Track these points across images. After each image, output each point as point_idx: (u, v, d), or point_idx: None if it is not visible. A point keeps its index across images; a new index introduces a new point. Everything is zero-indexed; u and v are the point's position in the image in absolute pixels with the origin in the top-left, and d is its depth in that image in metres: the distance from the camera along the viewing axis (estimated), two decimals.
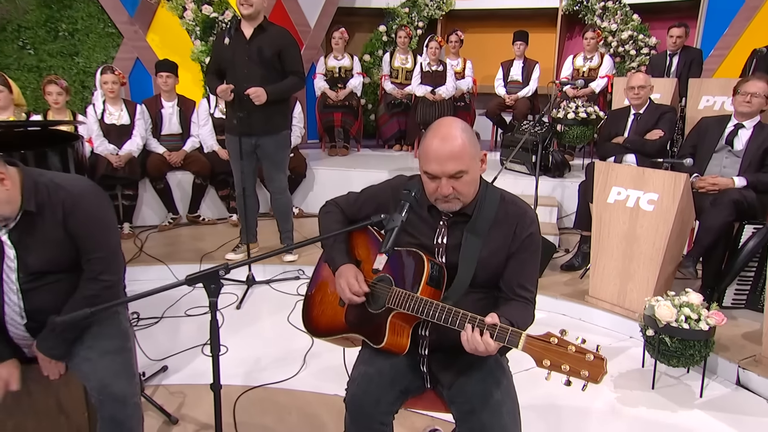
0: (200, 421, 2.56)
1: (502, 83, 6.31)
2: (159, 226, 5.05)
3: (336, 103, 6.08)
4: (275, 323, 3.58)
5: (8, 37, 5.49)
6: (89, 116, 4.73)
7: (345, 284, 1.72)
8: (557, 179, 4.95)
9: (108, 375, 1.86)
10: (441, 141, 1.58)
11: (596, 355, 1.36)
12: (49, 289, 1.92)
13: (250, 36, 3.72)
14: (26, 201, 1.83)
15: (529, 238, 1.68)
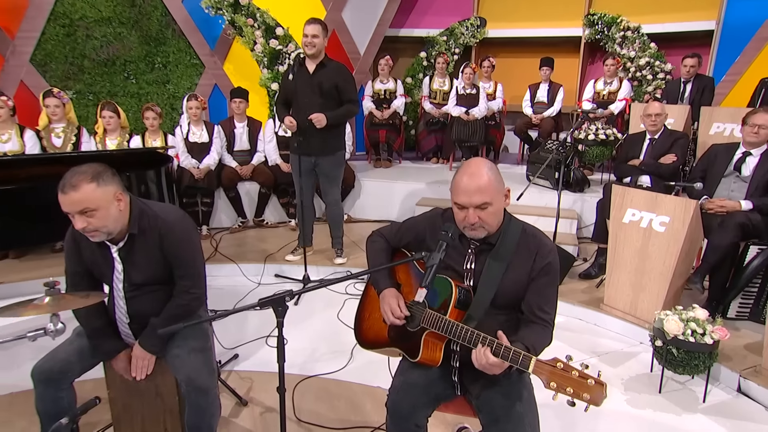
0: (266, 405, 2.63)
1: (529, 104, 6.21)
2: (230, 228, 5.17)
3: (381, 122, 6.11)
4: (327, 319, 3.58)
5: (117, 70, 5.72)
6: (177, 136, 4.91)
7: (388, 308, 1.76)
8: (578, 194, 4.84)
9: (193, 370, 1.96)
10: (469, 177, 1.61)
11: (597, 381, 1.36)
12: (147, 298, 2.04)
13: (313, 71, 3.79)
14: (132, 224, 1.94)
15: (548, 266, 1.67)
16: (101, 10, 5.50)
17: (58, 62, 5.50)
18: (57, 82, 5.47)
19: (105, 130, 4.65)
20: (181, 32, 5.84)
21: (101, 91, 5.68)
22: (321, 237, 4.50)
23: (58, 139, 4.51)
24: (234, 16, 5.57)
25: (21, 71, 5.36)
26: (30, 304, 1.57)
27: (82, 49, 5.54)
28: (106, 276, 2.03)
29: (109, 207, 1.82)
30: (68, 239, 2.03)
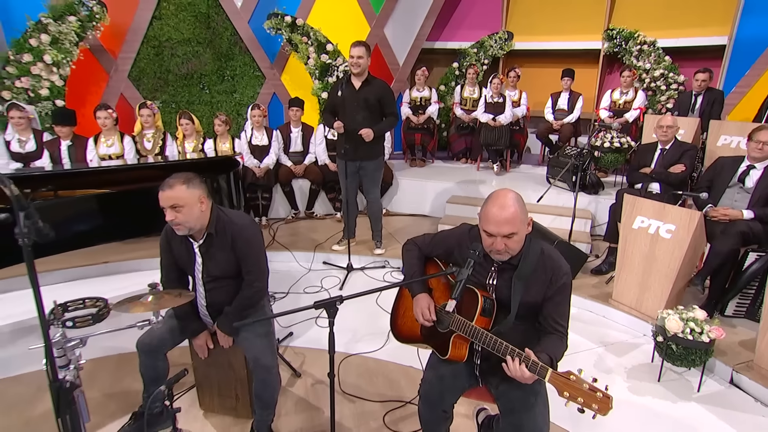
0: (316, 377, 2.74)
1: (550, 110, 6.07)
2: (285, 219, 5.28)
3: (417, 126, 6.11)
4: (367, 304, 3.54)
5: (194, 83, 5.89)
6: (242, 139, 5.02)
7: (419, 311, 1.80)
8: (592, 196, 4.73)
9: (259, 352, 2.09)
10: (499, 209, 1.60)
11: (604, 394, 1.37)
12: (222, 290, 2.17)
13: (359, 87, 3.83)
14: (210, 225, 2.07)
15: (563, 286, 1.66)
16: (183, 32, 5.66)
17: (149, 77, 5.71)
18: (148, 93, 5.69)
19: (183, 135, 4.87)
20: (247, 49, 5.94)
21: (181, 100, 5.86)
22: (362, 229, 4.53)
23: (148, 143, 4.72)
24: (291, 35, 5.66)
25: (121, 85, 5.60)
26: (137, 301, 1.72)
27: (167, 66, 5.73)
28: (189, 267, 2.17)
29: (193, 206, 1.95)
30: (162, 238, 2.19)
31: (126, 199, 3.06)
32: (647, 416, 2.48)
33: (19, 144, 4.39)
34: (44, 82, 4.83)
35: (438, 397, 1.85)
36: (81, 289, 3.80)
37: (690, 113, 4.86)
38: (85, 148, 4.52)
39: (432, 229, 4.93)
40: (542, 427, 1.68)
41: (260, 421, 2.20)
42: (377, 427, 2.38)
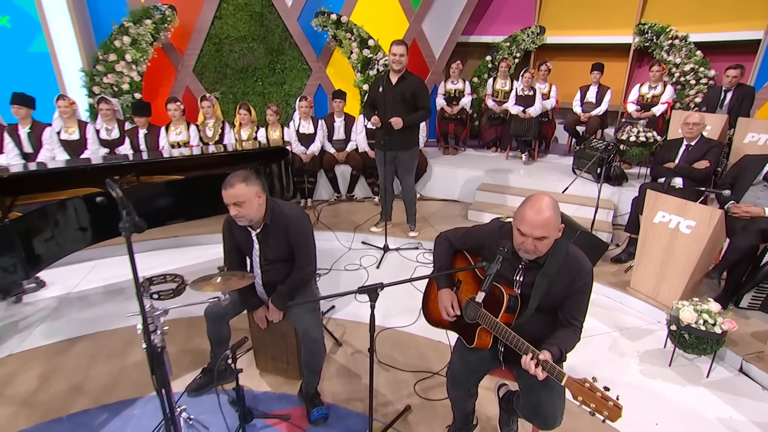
0: (355, 347, 2.85)
1: (579, 103, 5.83)
2: (328, 201, 5.37)
3: (451, 116, 6.04)
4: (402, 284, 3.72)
5: (248, 75, 5.97)
6: (290, 128, 5.11)
7: (443, 307, 1.84)
8: (616, 187, 4.59)
9: (308, 326, 2.21)
10: (535, 213, 1.57)
11: (615, 403, 1.35)
12: (275, 270, 2.28)
13: (396, 82, 3.82)
14: (267, 216, 2.17)
15: (584, 286, 1.65)
16: (240, 30, 5.73)
17: (210, 71, 5.84)
18: (209, 86, 5.84)
19: (240, 123, 5.01)
20: (295, 44, 5.97)
21: (238, 92, 5.98)
22: (398, 213, 4.58)
23: (209, 131, 4.88)
24: (336, 32, 5.66)
25: (187, 79, 5.77)
26: (209, 281, 1.86)
27: (225, 60, 5.84)
28: (248, 252, 2.29)
29: (252, 201, 2.05)
30: (224, 226, 2.31)
31: (194, 184, 3.23)
32: (656, 398, 2.46)
33: (106, 132, 4.65)
34: (125, 78, 5.06)
35: (464, 379, 1.92)
36: (156, 259, 4.06)
37: (718, 109, 4.58)
38: (158, 135, 4.74)
39: (462, 214, 4.94)
40: (559, 405, 1.70)
41: (308, 383, 2.34)
42: (408, 394, 2.47)
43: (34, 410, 2.37)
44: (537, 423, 1.77)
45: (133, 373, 2.65)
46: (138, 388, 2.52)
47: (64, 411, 2.37)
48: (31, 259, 2.36)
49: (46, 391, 2.51)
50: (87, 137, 4.57)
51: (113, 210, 2.38)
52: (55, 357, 2.80)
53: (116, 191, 1.35)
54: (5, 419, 2.31)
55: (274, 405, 2.38)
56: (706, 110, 4.57)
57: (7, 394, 2.48)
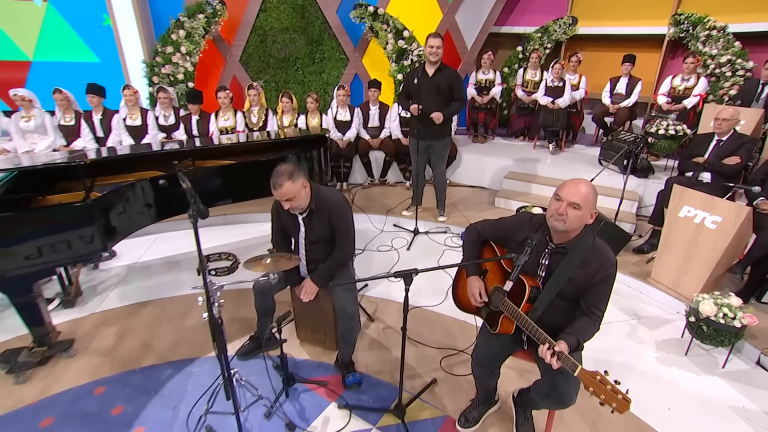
0: (386, 323, 2.94)
1: (608, 94, 5.55)
2: (362, 185, 5.40)
3: (481, 106, 5.90)
4: (429, 264, 3.58)
5: (290, 65, 6.01)
6: (328, 115, 5.14)
7: (471, 293, 1.88)
8: (642, 179, 4.42)
9: (345, 302, 2.30)
10: (575, 184, 1.62)
11: (624, 396, 1.36)
12: (318, 250, 2.36)
13: (432, 74, 3.78)
14: (312, 202, 2.25)
15: (608, 276, 1.64)
16: (282, 22, 5.77)
17: (255, 61, 5.91)
18: (254, 75, 5.93)
19: (282, 111, 5.10)
20: (334, 35, 5.95)
21: (280, 80, 6.05)
22: (428, 198, 4.58)
23: (254, 117, 4.99)
24: (373, 23, 5.59)
25: (234, 68, 5.87)
26: (260, 261, 1.98)
27: (269, 51, 5.89)
28: (294, 233, 2.40)
29: (300, 193, 2.14)
30: (273, 209, 2.42)
31: (242, 169, 3.36)
32: (670, 384, 2.45)
33: (164, 118, 4.85)
34: (180, 68, 5.23)
35: (487, 360, 1.96)
36: (206, 235, 4.24)
37: (754, 103, 4.30)
38: (208, 121, 4.90)
39: (489, 201, 4.91)
40: (575, 386, 1.73)
41: (343, 354, 2.46)
42: (435, 368, 2.55)
43: (114, 362, 2.61)
44: (554, 400, 1.80)
45: (191, 335, 2.85)
46: (195, 349, 2.71)
47: (137, 364, 2.59)
48: (109, 233, 2.55)
49: (122, 346, 2.75)
50: (147, 123, 4.78)
51: (173, 191, 2.57)
52: (128, 318, 3.04)
53: (186, 183, 1.46)
54: (93, 367, 2.57)
55: (312, 372, 2.52)
56: (741, 103, 4.31)
57: (93, 347, 2.74)
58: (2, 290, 2.36)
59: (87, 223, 2.40)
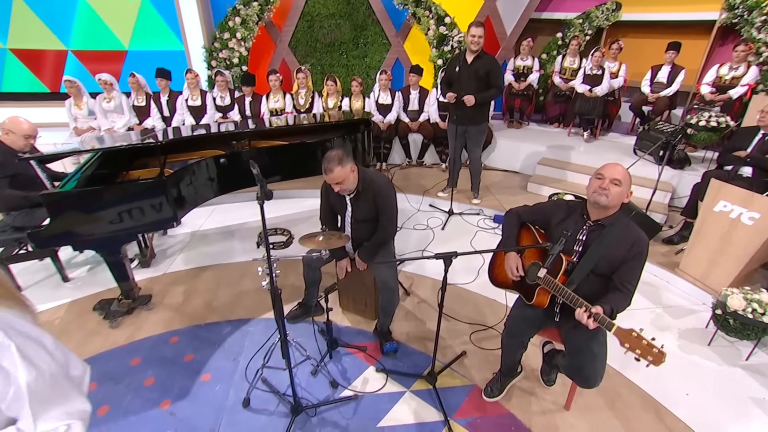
0: (421, 297, 3.00)
1: (648, 83, 5.16)
2: (400, 166, 5.41)
3: (518, 92, 5.69)
4: (462, 244, 3.68)
5: (335, 49, 5.98)
6: (371, 98, 5.13)
7: (508, 268, 1.91)
8: (677, 170, 4.16)
9: (387, 277, 2.37)
10: (614, 165, 1.71)
11: (660, 350, 1.38)
12: (363, 228, 2.43)
13: (471, 61, 3.70)
14: (360, 184, 2.29)
15: (640, 254, 1.65)
16: (329, 8, 5.71)
17: (302, 45, 5.91)
18: (301, 59, 5.95)
19: (327, 93, 5.13)
20: (377, 20, 5.83)
21: (325, 64, 6.04)
22: (463, 180, 4.53)
23: (302, 99, 5.05)
24: (415, 9, 5.44)
25: (283, 52, 5.90)
26: (313, 238, 2.07)
27: (316, 36, 5.87)
28: (341, 212, 2.47)
29: (349, 177, 2.20)
30: (322, 189, 2.48)
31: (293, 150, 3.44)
32: (691, 372, 2.40)
33: (221, 99, 5.00)
34: (236, 52, 5.33)
35: (519, 331, 2.00)
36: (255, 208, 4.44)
37: None
38: (260, 103, 5.02)
39: (521, 185, 4.81)
40: (600, 370, 1.74)
41: (382, 323, 2.57)
42: (465, 341, 2.62)
43: (184, 317, 2.85)
44: (579, 382, 1.84)
45: (245, 299, 3.04)
46: (250, 311, 2.90)
47: (202, 320, 2.82)
48: (179, 204, 2.73)
49: (189, 304, 2.99)
50: (206, 104, 4.95)
51: (232, 169, 2.69)
52: (192, 279, 3.28)
53: (256, 169, 1.54)
54: (167, 319, 2.82)
55: (353, 337, 2.65)
56: None
57: (165, 303, 2.99)
58: (97, 249, 2.61)
59: (162, 196, 2.58)
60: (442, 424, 2.09)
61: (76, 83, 4.60)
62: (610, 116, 5.51)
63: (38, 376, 0.75)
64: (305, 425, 2.08)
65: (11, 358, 0.73)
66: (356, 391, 2.26)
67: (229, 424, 2.09)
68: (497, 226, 4.06)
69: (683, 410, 2.15)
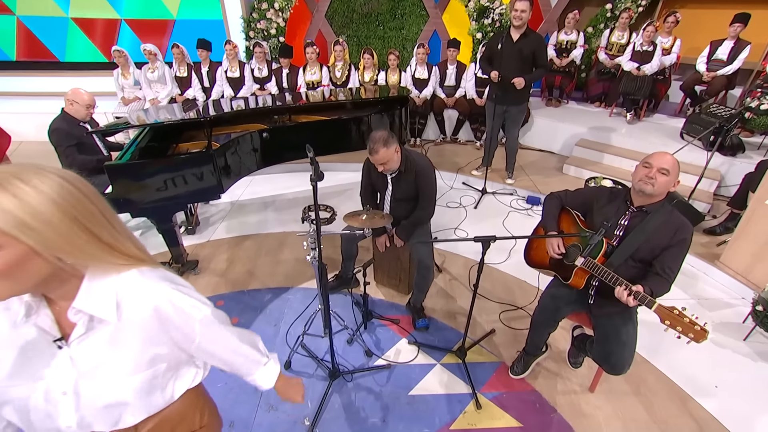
0: (452, 274, 3.08)
1: (704, 60, 4.77)
2: (435, 142, 5.39)
3: (559, 68, 5.44)
4: (495, 224, 3.69)
5: (371, 20, 5.86)
6: (407, 72, 5.08)
7: (549, 244, 1.94)
8: (728, 157, 3.93)
9: (423, 255, 2.45)
10: (662, 153, 1.69)
11: (702, 327, 1.40)
12: (401, 207, 2.49)
13: (516, 39, 3.58)
14: (402, 164, 2.34)
15: (683, 241, 1.65)
16: None
17: (339, 16, 5.82)
18: (338, 29, 5.87)
19: (364, 67, 5.10)
20: None
21: (361, 35, 5.95)
22: (497, 159, 4.45)
23: (338, 72, 5.06)
24: None
25: (319, 23, 5.84)
26: (357, 216, 2.16)
27: (353, 6, 5.77)
28: (382, 190, 2.52)
29: (393, 157, 2.24)
30: (364, 166, 2.53)
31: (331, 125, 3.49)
32: (722, 365, 2.37)
33: (258, 71, 5.07)
34: (273, 23, 5.33)
35: (552, 310, 2.04)
36: (292, 180, 4.56)
37: None
38: (297, 75, 5.06)
39: (557, 167, 4.72)
40: (628, 358, 1.78)
41: (416, 299, 2.67)
42: (494, 320, 2.70)
43: (228, 282, 3.05)
44: (606, 368, 1.89)
45: (283, 267, 3.21)
46: (289, 280, 3.07)
47: (245, 286, 3.01)
48: (225, 176, 2.87)
49: (232, 270, 3.19)
50: (245, 75, 5.03)
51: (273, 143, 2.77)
52: (234, 247, 3.48)
53: (311, 152, 1.62)
54: (213, 284, 3.03)
55: (387, 310, 2.78)
56: None
57: (211, 268, 3.20)
58: (150, 217, 2.80)
59: (210, 168, 2.72)
60: (469, 396, 2.21)
61: (124, 53, 4.76)
62: (657, 96, 5.21)
63: (214, 310, 0.92)
64: (342, 389, 2.25)
65: (186, 299, 0.87)
66: (389, 361, 2.40)
67: None
68: (530, 207, 4.04)
69: (711, 402, 2.17)
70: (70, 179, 0.75)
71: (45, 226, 0.69)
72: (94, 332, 0.81)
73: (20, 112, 5.36)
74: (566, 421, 2.09)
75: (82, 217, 0.74)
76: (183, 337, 0.89)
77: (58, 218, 0.70)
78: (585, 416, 2.11)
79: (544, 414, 2.14)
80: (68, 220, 0.72)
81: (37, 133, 5.26)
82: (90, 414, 0.84)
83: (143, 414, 0.91)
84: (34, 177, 0.70)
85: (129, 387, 0.85)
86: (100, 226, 0.77)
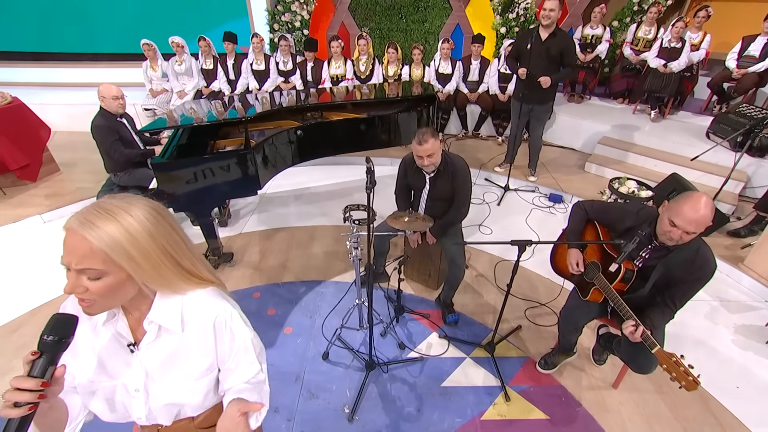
0: (478, 270, 3.18)
1: (735, 57, 4.66)
2: (456, 137, 5.42)
3: (582, 64, 5.39)
4: (516, 221, 3.75)
5: (394, 13, 5.83)
6: (431, 67, 5.10)
7: (569, 262, 2.00)
8: (756, 158, 3.90)
9: (455, 254, 2.54)
10: (692, 209, 1.56)
11: (695, 379, 1.49)
12: (436, 206, 2.55)
13: (544, 38, 3.59)
14: (441, 163, 2.41)
15: (701, 278, 1.67)
16: None
17: (362, 8, 5.81)
18: (360, 21, 5.87)
19: (388, 61, 5.14)
20: None
21: (384, 28, 5.94)
22: (519, 155, 4.46)
23: (363, 65, 5.09)
24: None
25: (342, 15, 5.84)
26: (398, 219, 2.27)
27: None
28: (419, 190, 2.57)
29: (438, 152, 2.32)
30: (401, 166, 2.60)
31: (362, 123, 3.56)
32: (743, 366, 2.45)
33: (283, 64, 5.13)
34: (298, 16, 5.36)
35: (575, 319, 2.14)
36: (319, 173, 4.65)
37: None
38: (321, 68, 5.12)
39: (579, 164, 4.75)
40: (654, 360, 1.85)
41: (446, 295, 2.77)
42: (520, 316, 2.80)
43: (263, 274, 3.19)
44: (632, 367, 1.99)
45: (315, 261, 3.33)
46: (321, 273, 3.19)
47: (279, 279, 3.15)
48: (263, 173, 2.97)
49: (265, 262, 3.33)
50: (270, 68, 5.10)
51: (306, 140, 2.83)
52: (266, 240, 3.61)
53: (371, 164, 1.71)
54: (248, 276, 3.17)
55: (417, 305, 2.89)
56: None
57: (245, 260, 3.34)
58: (191, 210, 2.93)
59: (249, 164, 2.83)
60: (498, 389, 2.33)
61: (153, 46, 4.85)
62: (683, 93, 5.15)
63: (254, 336, 1.01)
64: (378, 379, 2.39)
65: (238, 321, 0.98)
66: (421, 354, 2.54)
67: (312, 372, 2.42)
68: (552, 205, 4.10)
69: (732, 402, 2.26)
70: (159, 210, 0.86)
71: (142, 257, 0.81)
72: (161, 339, 0.93)
73: (52, 103, 5.50)
74: (591, 415, 2.21)
75: (170, 247, 0.86)
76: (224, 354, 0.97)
77: (153, 249, 0.82)
78: (609, 411, 2.22)
79: (570, 408, 2.26)
80: (160, 251, 0.83)
81: (70, 123, 5.42)
82: (156, 409, 0.97)
83: (199, 410, 1.03)
84: (133, 208, 0.82)
85: (190, 390, 0.97)
86: (182, 254, 0.89)
